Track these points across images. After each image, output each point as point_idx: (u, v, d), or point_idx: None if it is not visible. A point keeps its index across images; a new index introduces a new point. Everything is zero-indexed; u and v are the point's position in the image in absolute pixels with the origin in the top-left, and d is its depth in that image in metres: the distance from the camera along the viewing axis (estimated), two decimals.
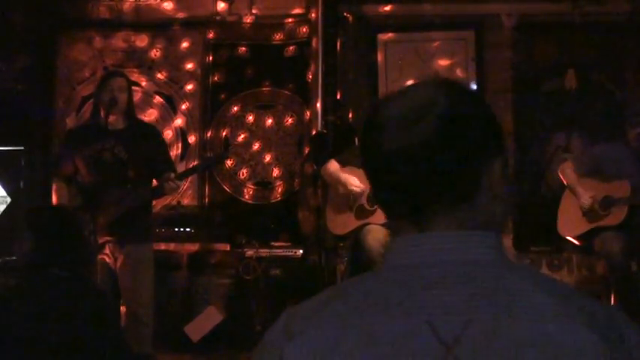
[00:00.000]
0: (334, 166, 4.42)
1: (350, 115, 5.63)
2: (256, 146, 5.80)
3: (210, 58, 5.91)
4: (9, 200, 5.67)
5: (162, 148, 4.06)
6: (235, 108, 5.86)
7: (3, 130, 5.71)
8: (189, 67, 5.91)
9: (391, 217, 0.95)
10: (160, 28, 5.93)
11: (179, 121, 5.88)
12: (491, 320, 0.82)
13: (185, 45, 5.92)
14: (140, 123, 4.15)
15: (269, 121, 5.82)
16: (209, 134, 5.84)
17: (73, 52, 5.94)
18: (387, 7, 5.81)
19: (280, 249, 5.25)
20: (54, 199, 3.92)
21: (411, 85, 0.98)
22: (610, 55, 5.52)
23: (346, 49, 5.74)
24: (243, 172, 5.79)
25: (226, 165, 5.73)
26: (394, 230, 0.94)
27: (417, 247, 0.89)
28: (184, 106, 5.88)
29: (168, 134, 5.73)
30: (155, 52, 5.92)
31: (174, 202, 5.62)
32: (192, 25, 5.92)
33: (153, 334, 3.77)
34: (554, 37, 5.60)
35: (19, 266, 2.46)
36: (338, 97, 5.64)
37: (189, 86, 5.90)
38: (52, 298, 2.28)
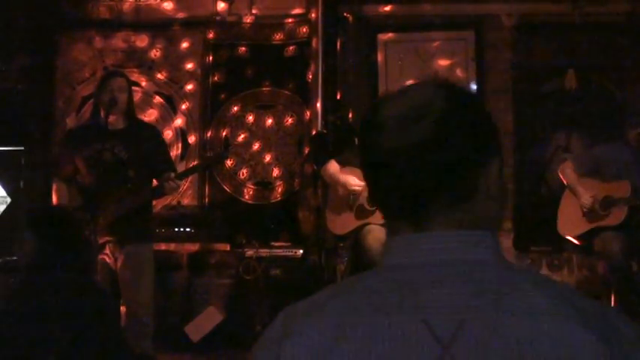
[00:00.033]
0: (334, 168, 4.42)
1: (350, 115, 5.63)
2: (256, 146, 5.80)
3: (210, 58, 5.91)
4: (9, 200, 5.67)
5: (162, 148, 4.05)
6: (235, 108, 5.86)
7: (3, 130, 5.72)
8: (189, 67, 5.91)
9: (389, 216, 0.95)
10: (160, 28, 5.93)
11: (179, 121, 5.88)
12: (488, 319, 0.82)
13: (185, 45, 5.92)
14: (140, 123, 4.14)
15: (269, 121, 5.82)
16: (209, 134, 5.84)
17: (73, 52, 5.94)
18: (387, 7, 5.81)
19: (280, 249, 5.25)
20: (54, 199, 3.91)
21: (410, 86, 0.98)
22: (610, 55, 5.52)
23: (346, 49, 5.74)
24: (243, 172, 5.79)
25: (226, 165, 5.73)
26: (392, 230, 0.95)
27: (415, 247, 0.90)
28: (184, 106, 5.88)
29: (168, 134, 5.73)
30: (155, 52, 5.92)
31: (174, 202, 5.62)
32: (192, 25, 5.92)
33: (153, 334, 3.77)
34: (554, 37, 5.60)
35: (21, 267, 2.45)
36: (338, 97, 5.64)
37: (189, 86, 5.90)
38: (57, 299, 2.27)
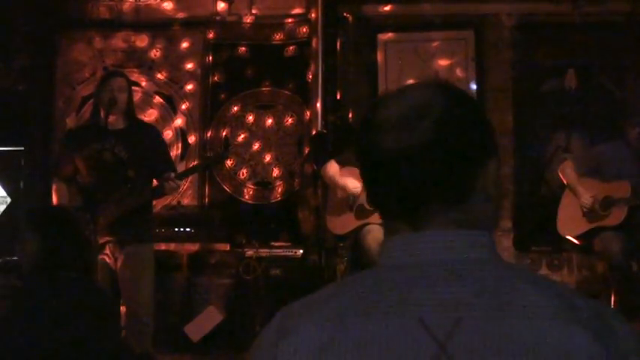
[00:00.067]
0: (333, 170, 4.42)
1: (350, 115, 5.63)
2: (256, 146, 5.80)
3: (210, 58, 5.91)
4: (9, 200, 5.67)
5: (162, 148, 4.05)
6: (235, 108, 5.86)
7: (3, 130, 5.72)
8: (189, 67, 5.91)
9: (386, 216, 0.96)
10: (160, 28, 5.93)
11: (179, 121, 5.88)
12: (485, 318, 0.83)
13: (185, 45, 5.92)
14: (140, 123, 4.13)
15: (269, 121, 5.81)
16: (209, 134, 5.84)
17: (73, 52, 5.94)
18: (387, 7, 5.81)
19: (280, 249, 5.25)
20: (54, 199, 3.91)
21: (408, 86, 0.99)
22: (610, 55, 5.52)
23: (346, 49, 5.74)
24: (243, 172, 5.79)
25: (226, 165, 5.73)
26: (389, 230, 0.95)
27: (413, 247, 0.90)
28: (184, 106, 5.88)
29: (168, 134, 5.73)
30: (155, 52, 5.92)
31: (174, 202, 5.62)
32: (192, 25, 5.92)
33: (153, 334, 3.77)
34: (554, 37, 5.59)
35: (22, 267, 2.43)
36: (338, 97, 5.64)
37: (189, 86, 5.90)
38: (57, 299, 2.26)
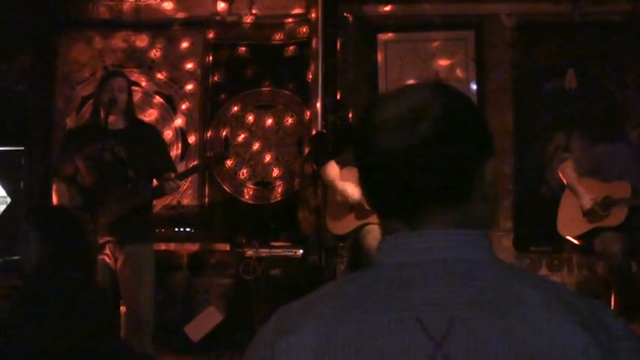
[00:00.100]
0: (333, 172, 4.41)
1: (350, 115, 5.63)
2: (256, 146, 5.80)
3: (210, 58, 5.91)
4: (9, 200, 5.67)
5: (162, 148, 4.05)
6: (235, 108, 5.86)
7: (3, 130, 5.72)
8: (189, 67, 5.91)
9: (384, 216, 0.96)
10: (160, 28, 5.93)
11: (179, 121, 5.88)
12: (481, 317, 0.83)
13: (185, 45, 5.92)
14: (140, 123, 4.13)
15: (269, 121, 5.82)
16: (209, 134, 5.84)
17: (73, 52, 5.94)
18: (387, 7, 5.81)
19: (280, 249, 5.25)
20: (54, 199, 3.91)
21: (406, 87, 0.99)
22: (610, 55, 5.52)
23: (346, 49, 5.74)
24: (243, 172, 5.79)
25: (226, 165, 5.73)
26: (386, 229, 0.95)
27: (410, 246, 0.91)
28: (184, 106, 5.89)
29: (168, 134, 5.73)
30: (155, 52, 5.92)
31: (174, 202, 5.63)
32: (192, 25, 5.92)
33: (153, 334, 3.77)
34: (554, 37, 5.59)
35: (23, 267, 2.42)
36: (338, 97, 5.64)
37: (189, 86, 5.90)
38: (58, 299, 2.26)
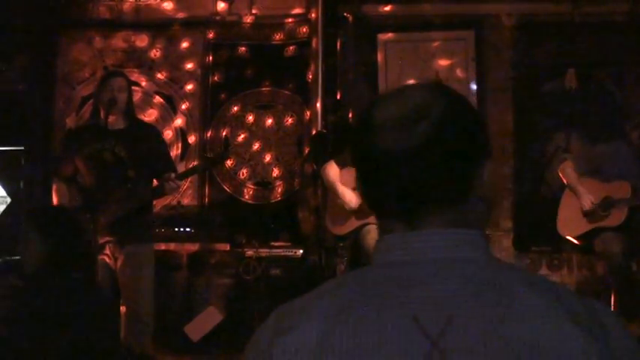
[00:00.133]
0: (333, 173, 4.40)
1: (350, 115, 5.63)
2: (256, 146, 5.80)
3: (210, 58, 5.91)
4: (9, 200, 5.67)
5: (162, 148, 4.05)
6: (235, 108, 5.86)
7: (3, 130, 5.72)
8: (189, 67, 5.91)
9: (382, 216, 0.97)
10: (160, 28, 5.93)
11: (179, 121, 5.88)
12: (477, 316, 0.84)
13: (185, 45, 5.92)
14: (140, 123, 4.14)
15: (269, 121, 5.81)
16: (209, 134, 5.84)
17: (73, 52, 5.94)
18: (387, 7, 5.81)
19: (280, 249, 5.25)
20: (54, 199, 3.91)
21: (404, 87, 0.99)
22: (610, 55, 5.52)
23: (346, 49, 5.74)
24: (243, 172, 5.79)
25: (226, 165, 5.72)
26: (383, 229, 0.96)
27: (407, 245, 0.91)
28: (184, 106, 5.88)
29: (168, 134, 5.73)
30: (155, 52, 5.92)
31: (174, 202, 5.62)
32: (192, 25, 5.92)
33: (153, 334, 3.77)
34: (554, 37, 5.59)
35: (27, 268, 2.41)
36: (338, 97, 5.64)
37: (189, 86, 5.90)
38: (59, 299, 2.25)
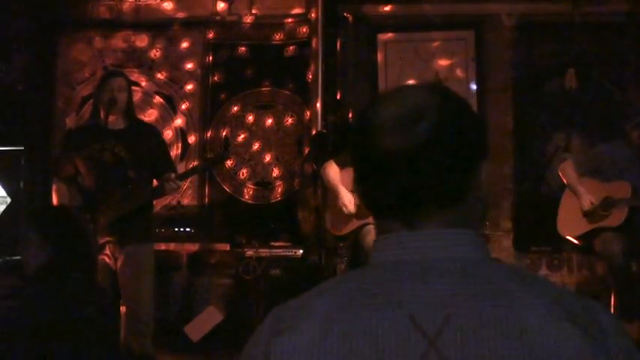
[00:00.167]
0: (333, 173, 4.40)
1: (350, 115, 5.63)
2: (256, 146, 5.80)
3: (210, 58, 5.91)
4: (9, 200, 5.67)
5: (162, 148, 4.05)
6: (235, 108, 5.86)
7: (3, 130, 5.72)
8: (189, 67, 5.91)
9: (380, 216, 0.97)
10: (160, 28, 5.93)
11: (179, 121, 5.88)
12: (474, 315, 0.84)
13: (185, 45, 5.92)
14: (140, 123, 4.13)
15: (269, 121, 5.82)
16: (209, 134, 5.84)
17: (73, 52, 5.94)
18: (387, 7, 5.82)
19: (280, 249, 5.25)
20: (54, 199, 3.91)
21: (403, 88, 1.00)
22: (610, 55, 5.52)
23: (346, 49, 5.74)
24: (243, 172, 5.79)
25: (226, 165, 5.73)
26: (381, 229, 0.96)
27: (405, 245, 0.92)
28: (184, 106, 5.89)
29: (168, 134, 5.73)
30: (155, 52, 5.92)
31: (174, 202, 5.62)
32: (192, 25, 5.92)
33: (153, 334, 3.77)
34: (554, 37, 5.59)
35: (28, 268, 2.41)
36: (338, 97, 5.64)
37: (189, 86, 5.90)
38: (66, 301, 2.24)
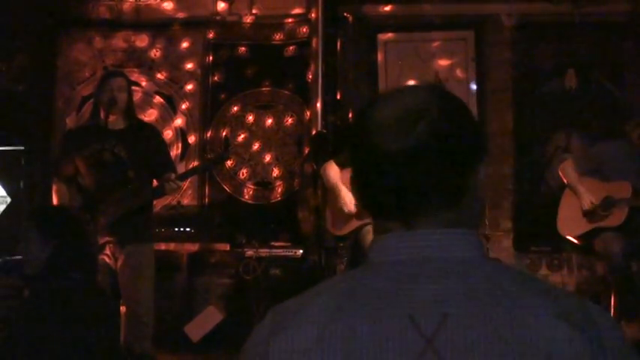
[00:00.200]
0: (333, 173, 4.39)
1: (350, 115, 5.63)
2: (256, 146, 5.80)
3: (210, 58, 5.91)
4: (9, 200, 5.67)
5: (162, 148, 4.05)
6: (235, 108, 5.86)
7: (3, 130, 5.72)
8: (189, 67, 5.91)
9: (378, 216, 0.97)
10: (160, 28, 5.93)
11: (179, 121, 5.88)
12: (472, 314, 0.84)
13: (185, 45, 5.92)
14: (140, 123, 4.13)
15: (269, 121, 5.82)
16: (209, 134, 5.84)
17: (73, 52, 5.94)
18: (387, 7, 5.82)
19: (280, 249, 5.25)
20: (54, 199, 3.90)
21: (402, 88, 1.00)
22: (610, 55, 5.52)
23: (346, 49, 5.75)
24: (243, 172, 5.79)
25: (226, 165, 5.73)
26: (379, 229, 0.96)
27: (403, 245, 0.92)
28: (184, 106, 5.89)
29: (168, 134, 5.73)
30: (155, 52, 5.92)
31: (174, 202, 5.62)
32: (192, 25, 5.92)
33: (153, 334, 3.77)
34: (554, 37, 5.60)
35: (29, 268, 2.40)
36: (338, 97, 5.64)
37: (189, 86, 5.90)
38: (67, 301, 2.24)
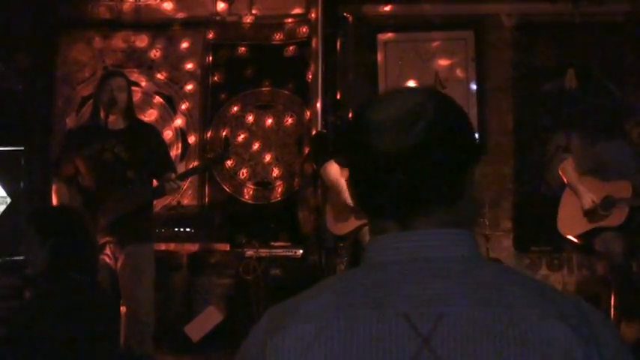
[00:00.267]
0: (334, 171, 4.40)
1: (350, 115, 5.63)
2: (256, 146, 5.80)
3: (210, 58, 5.91)
4: (9, 200, 5.68)
5: (162, 148, 4.04)
6: (235, 108, 5.86)
7: (3, 130, 5.72)
8: (189, 67, 5.91)
9: (375, 216, 0.98)
10: (160, 28, 5.93)
11: (179, 121, 5.88)
12: (468, 313, 0.85)
13: (185, 45, 5.92)
14: (140, 123, 4.13)
15: (269, 121, 5.82)
16: (209, 134, 5.84)
17: (73, 52, 5.94)
18: (387, 7, 5.82)
19: (280, 249, 5.25)
20: (54, 199, 3.90)
21: (398, 90, 1.01)
22: (610, 55, 5.52)
23: (346, 49, 5.75)
24: (243, 172, 5.79)
25: (226, 165, 5.73)
26: (375, 230, 0.97)
27: (399, 245, 0.93)
28: (184, 106, 5.89)
29: (168, 134, 5.73)
30: (155, 52, 5.92)
31: (174, 203, 5.62)
32: (192, 25, 5.93)
33: (153, 334, 3.76)
34: (554, 37, 5.60)
35: (30, 268, 2.40)
36: (338, 97, 5.64)
37: (189, 86, 5.90)
38: (68, 301, 2.24)
